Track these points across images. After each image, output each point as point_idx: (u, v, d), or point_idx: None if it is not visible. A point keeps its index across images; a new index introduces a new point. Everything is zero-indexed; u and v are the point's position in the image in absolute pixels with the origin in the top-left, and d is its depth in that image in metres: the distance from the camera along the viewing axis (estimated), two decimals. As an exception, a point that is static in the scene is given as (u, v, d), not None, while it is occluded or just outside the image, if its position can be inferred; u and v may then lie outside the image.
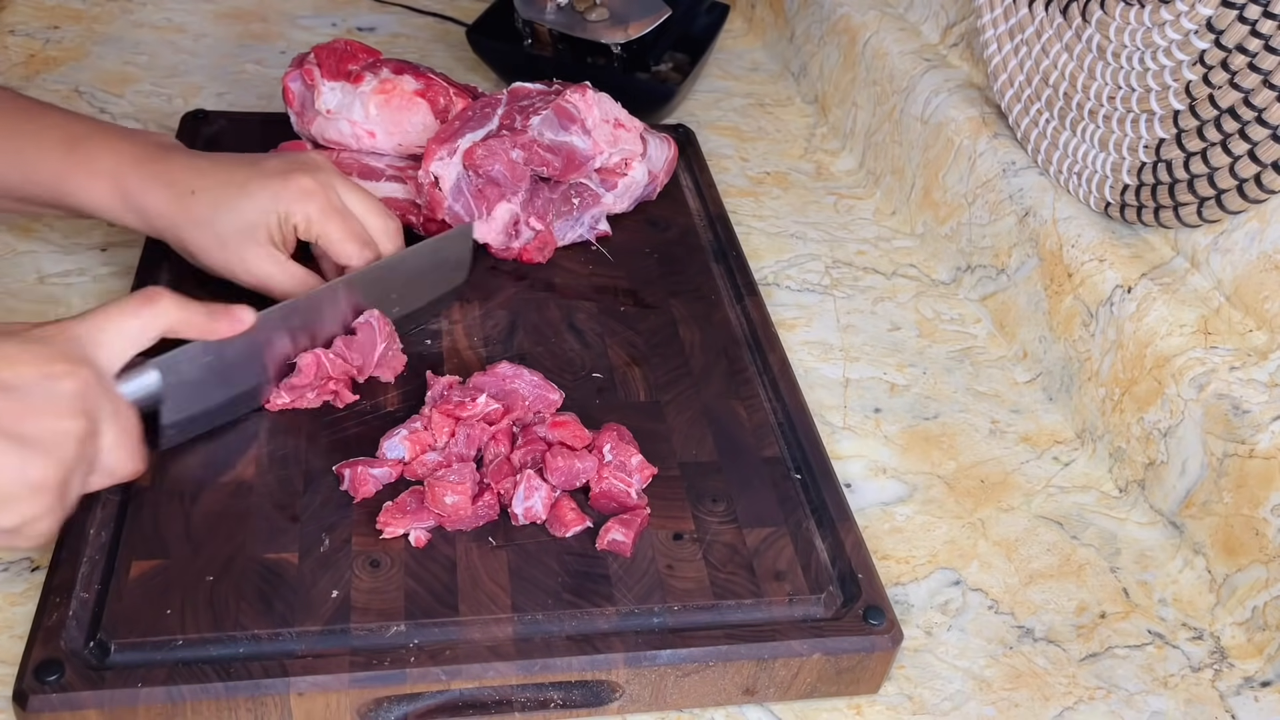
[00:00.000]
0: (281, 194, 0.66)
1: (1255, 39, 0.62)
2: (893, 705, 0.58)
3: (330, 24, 1.13)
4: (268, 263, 0.67)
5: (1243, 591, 0.63)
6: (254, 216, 0.66)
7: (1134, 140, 0.71)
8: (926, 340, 0.82)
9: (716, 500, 0.62)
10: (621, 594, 0.56)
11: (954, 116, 0.87)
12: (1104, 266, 0.73)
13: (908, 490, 0.70)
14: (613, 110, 0.82)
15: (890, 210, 0.95)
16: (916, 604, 0.63)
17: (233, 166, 0.67)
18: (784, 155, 1.02)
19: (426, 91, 0.79)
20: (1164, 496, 0.68)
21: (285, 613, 0.53)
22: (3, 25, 1.04)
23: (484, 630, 0.54)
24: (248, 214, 0.66)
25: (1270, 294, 0.65)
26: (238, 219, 0.66)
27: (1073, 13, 0.76)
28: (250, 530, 0.57)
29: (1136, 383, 0.70)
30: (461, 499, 0.58)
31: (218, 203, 0.65)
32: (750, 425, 0.68)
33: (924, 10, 0.98)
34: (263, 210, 0.66)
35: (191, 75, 1.01)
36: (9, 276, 0.76)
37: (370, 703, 0.52)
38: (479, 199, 0.76)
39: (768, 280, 0.85)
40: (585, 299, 0.76)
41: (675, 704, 0.56)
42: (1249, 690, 0.61)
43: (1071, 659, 0.61)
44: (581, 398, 0.68)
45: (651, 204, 0.86)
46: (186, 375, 0.59)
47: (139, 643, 0.51)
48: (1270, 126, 0.62)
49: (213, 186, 0.66)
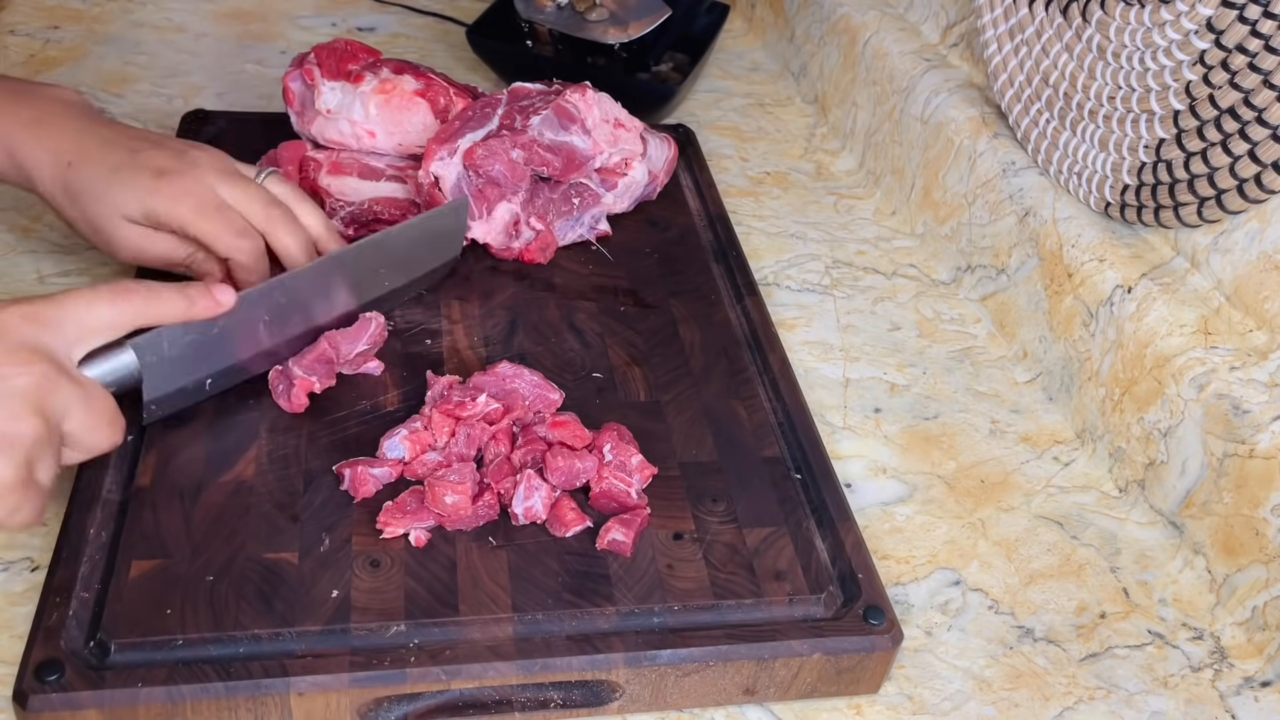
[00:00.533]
0: (154, 192, 0.64)
1: (1255, 39, 0.62)
2: (893, 705, 0.58)
3: (330, 24, 1.13)
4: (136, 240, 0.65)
5: (1243, 591, 0.63)
6: (122, 206, 0.64)
7: (1134, 140, 0.71)
8: (926, 340, 0.82)
9: (716, 500, 0.62)
10: (621, 594, 0.56)
11: (954, 116, 0.87)
12: (1104, 266, 0.73)
13: (908, 490, 0.70)
14: (613, 110, 0.82)
15: (890, 210, 0.95)
16: (916, 604, 0.63)
17: (114, 147, 0.65)
18: (784, 155, 1.02)
19: (426, 91, 0.79)
20: (1164, 496, 0.68)
21: (285, 613, 0.53)
22: (3, 25, 1.04)
23: (484, 630, 0.54)
24: (115, 201, 0.64)
25: (1270, 294, 0.65)
26: (104, 205, 0.64)
27: (1073, 13, 0.76)
28: (250, 530, 0.57)
29: (1136, 383, 0.70)
30: (461, 499, 0.58)
31: (89, 182, 0.64)
32: (750, 425, 0.68)
33: (924, 10, 0.98)
34: (131, 202, 0.64)
35: (191, 75, 1.01)
36: (9, 276, 0.76)
37: (370, 703, 0.52)
38: (479, 199, 0.76)
39: (768, 280, 0.85)
40: (585, 299, 0.76)
41: (675, 704, 0.56)
42: (1249, 690, 0.61)
43: (1071, 659, 0.61)
44: (581, 398, 0.68)
45: (651, 204, 0.86)
46: (166, 354, 0.58)
47: (139, 643, 0.51)
48: (1270, 126, 0.62)
49: (89, 164, 0.64)
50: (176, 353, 0.59)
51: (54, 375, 0.51)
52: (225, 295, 0.59)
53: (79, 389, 0.53)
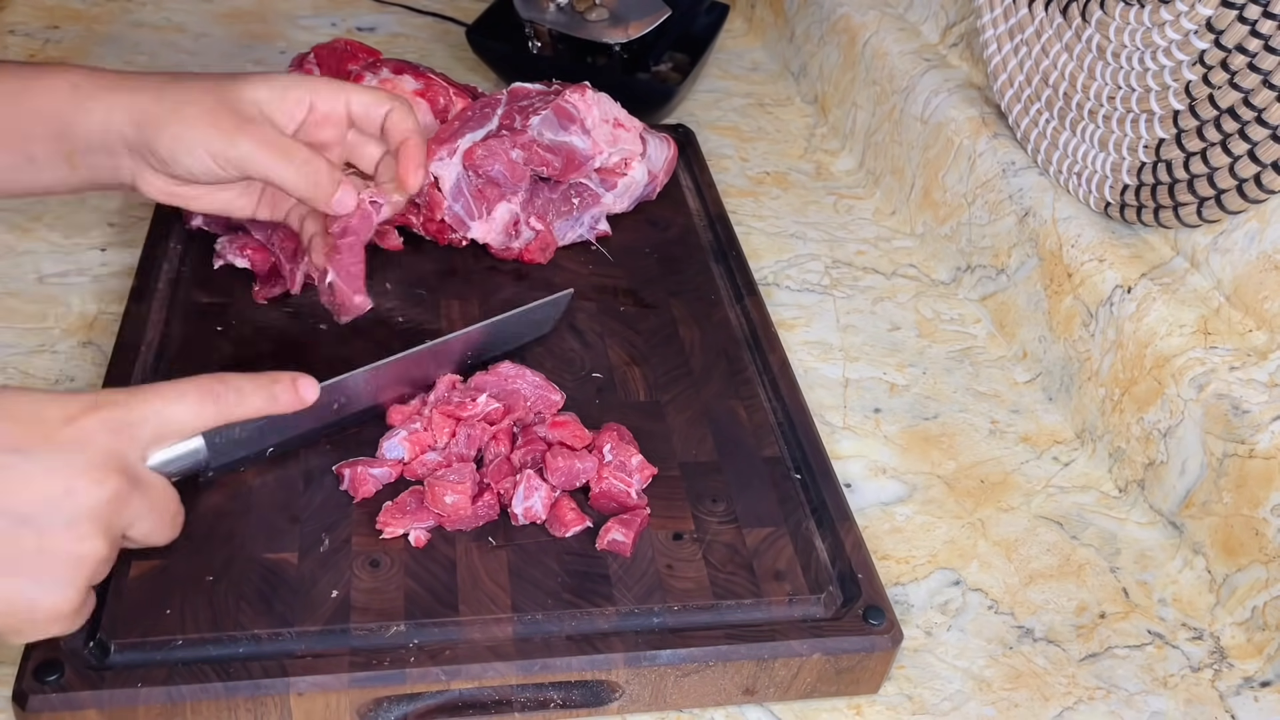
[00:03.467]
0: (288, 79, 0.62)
1: (1255, 39, 0.62)
2: (893, 705, 0.58)
3: (330, 24, 1.13)
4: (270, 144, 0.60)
5: (1242, 591, 0.63)
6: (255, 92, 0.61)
7: (1134, 140, 0.71)
8: (926, 340, 0.82)
9: (716, 500, 0.62)
10: (621, 594, 0.56)
11: (954, 116, 0.87)
12: (1104, 266, 0.73)
13: (907, 490, 0.70)
14: (612, 110, 0.82)
15: (890, 210, 0.95)
16: (916, 604, 0.63)
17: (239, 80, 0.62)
18: (784, 155, 1.02)
19: (426, 91, 0.79)
20: (1164, 496, 0.68)
21: (285, 613, 0.53)
22: (3, 25, 1.04)
23: (484, 630, 0.54)
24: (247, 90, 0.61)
25: (1270, 294, 0.65)
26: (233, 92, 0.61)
27: (1073, 13, 0.76)
28: (250, 530, 0.57)
29: (1136, 383, 0.70)
30: (461, 499, 0.58)
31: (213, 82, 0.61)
32: (750, 425, 0.68)
33: (924, 10, 0.98)
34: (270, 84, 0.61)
35: (191, 75, 1.01)
36: (9, 276, 0.76)
37: (370, 703, 0.52)
38: (479, 199, 0.76)
39: (768, 280, 0.85)
40: (585, 299, 0.76)
41: (675, 704, 0.56)
42: (1249, 690, 0.61)
43: (1071, 659, 0.61)
44: (581, 398, 0.68)
45: (651, 204, 0.86)
46: (236, 436, 0.57)
47: (139, 643, 0.51)
48: (1270, 126, 0.62)
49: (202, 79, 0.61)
50: (246, 435, 0.57)
51: (126, 491, 0.48)
52: (309, 391, 0.56)
53: (146, 497, 0.49)
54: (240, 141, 0.59)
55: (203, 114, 0.59)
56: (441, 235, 0.77)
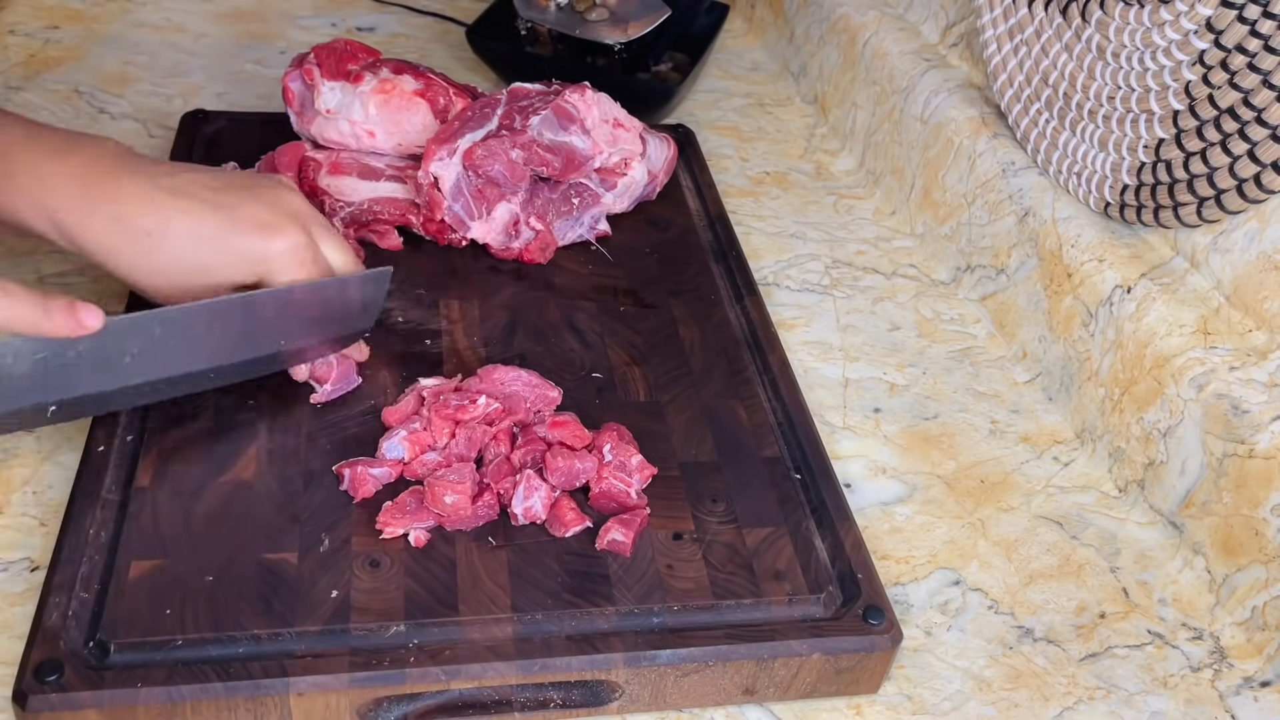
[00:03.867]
0: (265, 257, 0.59)
1: (1255, 39, 0.62)
2: (892, 705, 0.58)
3: (330, 24, 1.13)
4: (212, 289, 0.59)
5: (1242, 591, 0.63)
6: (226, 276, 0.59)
7: (1133, 140, 0.71)
8: (926, 340, 0.82)
9: (716, 500, 0.62)
10: (621, 594, 0.56)
11: (954, 116, 0.87)
12: (1104, 266, 0.73)
13: (907, 490, 0.70)
14: (612, 110, 0.82)
15: (890, 210, 0.95)
16: (916, 604, 0.63)
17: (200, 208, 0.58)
18: (784, 155, 1.02)
19: (426, 91, 0.79)
20: (1164, 496, 0.68)
21: (285, 613, 0.53)
22: (3, 25, 1.04)
23: (484, 630, 0.54)
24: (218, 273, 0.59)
25: (1270, 294, 0.65)
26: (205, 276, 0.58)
27: (1072, 13, 0.76)
28: (250, 530, 0.57)
29: (1136, 383, 0.70)
30: (461, 499, 0.58)
31: (180, 255, 0.57)
32: (750, 425, 0.68)
33: (924, 10, 0.98)
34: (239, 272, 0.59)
35: (191, 75, 1.01)
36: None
37: (370, 703, 0.52)
38: (479, 199, 0.76)
39: (768, 280, 0.85)
40: (585, 299, 0.76)
41: (675, 704, 0.56)
42: (1249, 690, 0.61)
43: (1071, 659, 0.61)
44: (581, 398, 0.68)
45: (651, 204, 0.86)
46: (12, 369, 0.51)
47: (139, 643, 0.51)
48: (1270, 126, 0.62)
49: (177, 234, 0.57)
50: (22, 370, 0.52)
51: None
52: (91, 318, 0.51)
53: None
54: None
55: None
56: (441, 235, 0.77)
